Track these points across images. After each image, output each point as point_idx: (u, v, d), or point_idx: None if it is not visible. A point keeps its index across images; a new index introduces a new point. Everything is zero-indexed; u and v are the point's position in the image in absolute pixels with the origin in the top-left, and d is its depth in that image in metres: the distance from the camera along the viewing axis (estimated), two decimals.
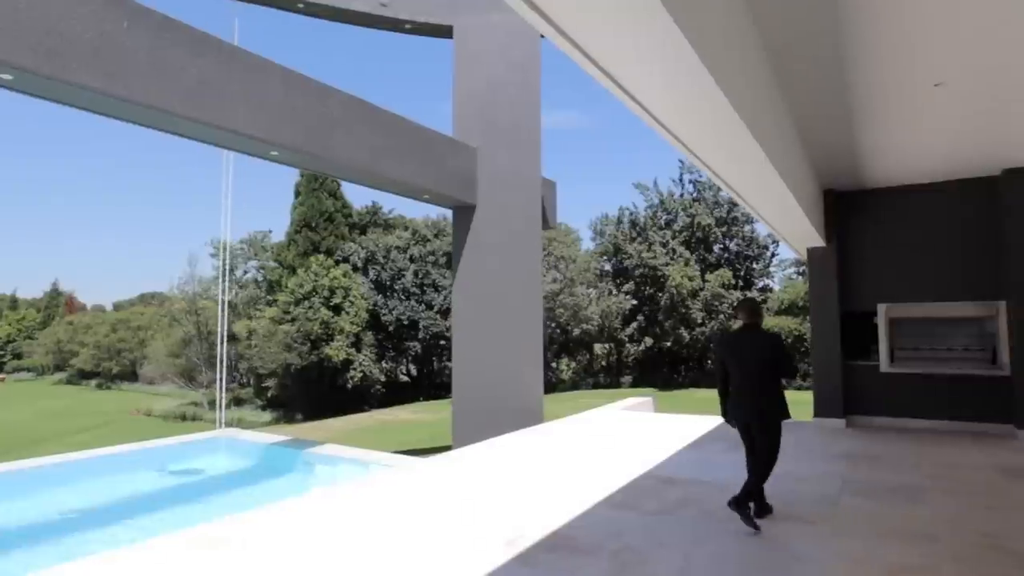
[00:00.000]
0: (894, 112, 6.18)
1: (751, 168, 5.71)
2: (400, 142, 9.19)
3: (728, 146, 5.11)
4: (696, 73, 3.20)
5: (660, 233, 28.62)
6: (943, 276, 8.81)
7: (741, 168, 5.90)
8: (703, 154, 5.49)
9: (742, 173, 6.13)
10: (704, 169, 6.01)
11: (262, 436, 10.04)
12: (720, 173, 6.09)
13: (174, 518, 6.37)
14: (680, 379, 27.38)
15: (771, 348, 4.88)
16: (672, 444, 8.04)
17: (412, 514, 5.07)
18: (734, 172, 6.14)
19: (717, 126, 4.42)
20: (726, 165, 5.88)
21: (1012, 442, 7.80)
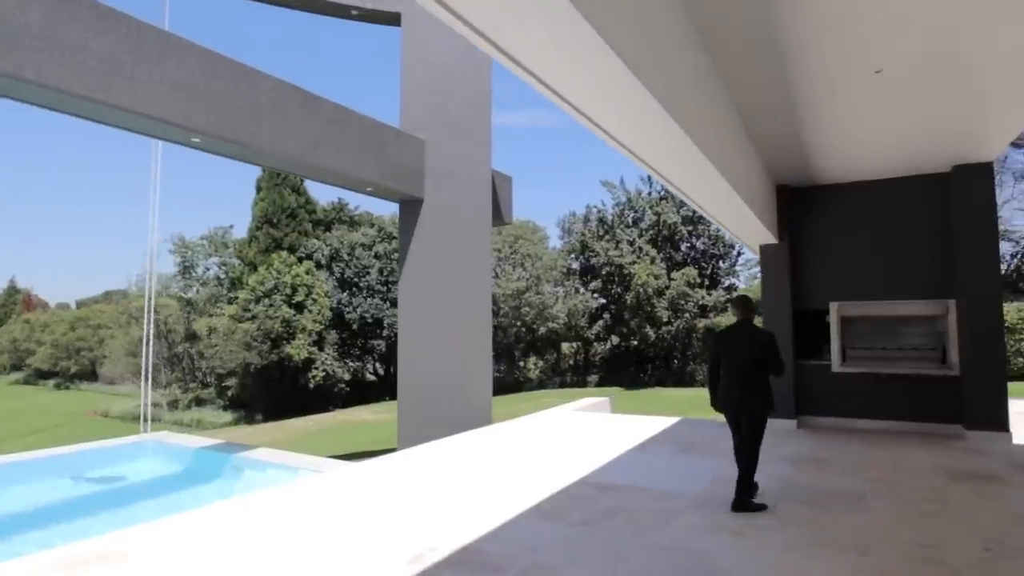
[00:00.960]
0: (838, 102, 5.97)
1: (692, 169, 5.52)
2: (339, 131, 8.75)
3: (666, 148, 4.91)
4: (618, 73, 3.12)
5: (627, 231, 28.47)
6: (895, 274, 8.69)
7: (683, 170, 5.69)
8: (644, 156, 5.29)
9: (685, 175, 5.92)
10: (646, 169, 5.75)
11: (191, 440, 9.53)
12: (664, 174, 5.86)
13: (74, 530, 5.87)
14: (646, 378, 27.27)
15: (761, 345, 5.14)
16: (619, 447, 7.76)
17: (321, 526, 4.68)
18: (677, 174, 5.93)
19: (653, 129, 4.26)
20: (668, 167, 5.66)
21: (960, 443, 7.68)
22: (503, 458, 7.36)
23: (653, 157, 5.30)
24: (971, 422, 7.93)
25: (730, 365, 5.23)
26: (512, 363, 32.30)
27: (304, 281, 29.65)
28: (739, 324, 5.39)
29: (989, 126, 6.75)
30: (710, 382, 5.47)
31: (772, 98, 5.97)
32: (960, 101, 5.98)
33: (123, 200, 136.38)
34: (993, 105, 6.12)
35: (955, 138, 7.16)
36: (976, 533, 4.36)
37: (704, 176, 5.68)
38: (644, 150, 5.04)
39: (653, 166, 5.60)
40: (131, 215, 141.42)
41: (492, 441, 8.43)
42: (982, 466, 6.45)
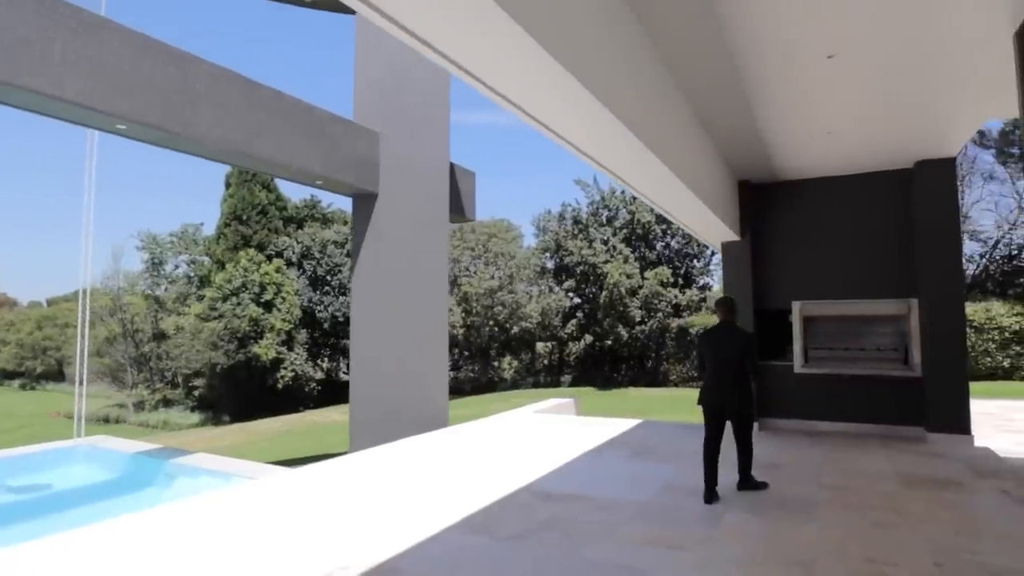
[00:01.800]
0: (791, 89, 5.70)
1: (643, 169, 5.34)
2: (284, 121, 8.32)
3: (613, 147, 4.71)
4: (559, 76, 3.07)
5: (601, 230, 28.23)
6: (858, 272, 8.49)
7: (635, 169, 5.47)
8: (596, 156, 5.13)
9: (637, 173, 5.68)
10: (599, 169, 5.48)
11: (127, 445, 9.05)
12: (618, 173, 5.63)
13: None
14: (619, 378, 27.05)
15: (741, 346, 5.39)
16: (572, 450, 7.45)
17: (228, 542, 4.29)
18: (628, 172, 5.70)
19: (600, 130, 4.06)
20: (620, 166, 5.44)
21: (920, 446, 7.49)
22: (449, 463, 7.01)
23: (604, 157, 5.08)
24: (932, 424, 7.75)
25: (713, 365, 5.47)
26: (486, 363, 31.94)
27: (273, 279, 29.00)
28: (722, 325, 5.60)
29: (950, 119, 6.56)
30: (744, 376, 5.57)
31: (721, 85, 5.69)
32: (919, 91, 5.76)
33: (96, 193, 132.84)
34: (953, 96, 5.91)
35: (917, 132, 6.96)
36: (927, 546, 4.11)
37: (656, 174, 5.46)
38: (594, 150, 4.87)
39: (607, 166, 5.38)
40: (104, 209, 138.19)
41: (443, 444, 8.08)
42: (941, 471, 6.24)
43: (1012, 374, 18.90)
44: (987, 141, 25.55)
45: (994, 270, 23.73)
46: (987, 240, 24.50)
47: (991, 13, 4.35)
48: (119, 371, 37.36)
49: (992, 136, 25.36)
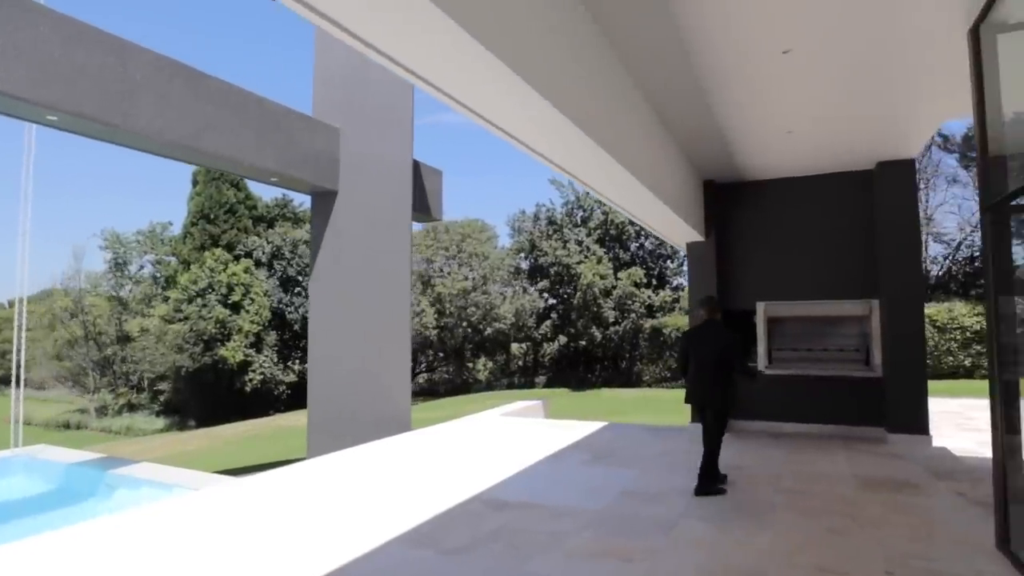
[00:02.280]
0: (748, 85, 5.58)
1: (601, 169, 5.23)
2: (234, 115, 8.01)
3: (569, 149, 4.55)
4: (499, 73, 2.98)
5: (575, 230, 28.15)
6: (822, 273, 8.45)
7: (591, 170, 5.38)
8: (547, 154, 4.88)
9: (596, 176, 5.58)
10: (557, 171, 5.35)
11: (68, 454, 8.64)
12: (573, 172, 5.47)
13: None
14: (593, 379, 27.01)
15: (724, 346, 5.51)
16: (532, 455, 7.27)
17: (161, 559, 4.01)
18: (589, 175, 5.60)
19: (550, 127, 3.92)
20: (578, 168, 5.36)
21: (881, 447, 7.46)
22: (406, 469, 6.77)
23: (559, 157, 5.00)
24: (892, 425, 7.73)
25: (697, 362, 5.59)
26: (461, 364, 31.68)
27: (241, 280, 28.38)
28: (706, 324, 5.75)
29: (909, 119, 6.52)
30: (684, 378, 5.80)
31: (679, 84, 5.57)
32: (877, 91, 5.70)
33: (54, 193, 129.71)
34: (911, 95, 5.86)
35: (876, 132, 6.92)
36: (880, 553, 4.00)
37: (615, 175, 5.36)
38: (547, 150, 4.72)
39: (563, 166, 5.30)
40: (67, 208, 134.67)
41: (403, 449, 7.84)
42: (899, 472, 6.19)
43: (973, 372, 19.24)
44: (950, 145, 26.05)
45: (956, 271, 24.18)
46: (950, 242, 24.97)
47: (946, 11, 4.27)
48: (80, 375, 36.29)
49: (955, 140, 25.87)
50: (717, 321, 5.82)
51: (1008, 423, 4.11)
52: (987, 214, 4.23)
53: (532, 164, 6.25)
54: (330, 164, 9.68)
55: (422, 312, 26.67)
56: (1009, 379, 4.16)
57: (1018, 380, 4.25)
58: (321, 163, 9.51)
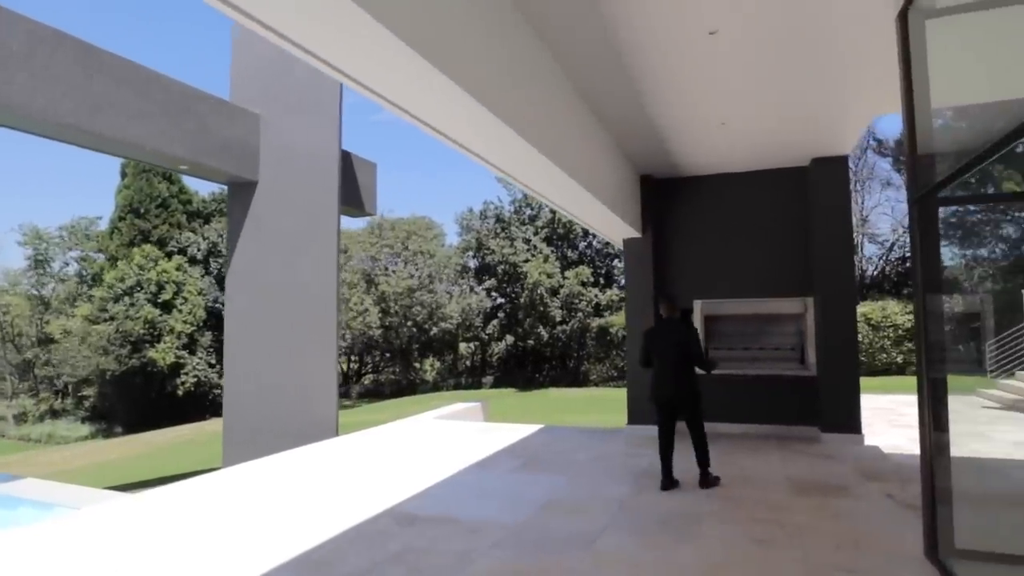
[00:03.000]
0: (674, 71, 5.31)
1: (531, 165, 4.93)
2: (135, 95, 7.31)
3: (488, 139, 4.23)
4: (429, 75, 2.95)
5: (523, 228, 27.87)
6: (759, 270, 8.33)
7: (521, 166, 5.10)
8: (482, 153, 4.66)
9: (526, 171, 5.31)
10: (486, 166, 4.99)
11: None
12: (503, 168, 5.17)
13: None
14: (541, 378, 26.79)
15: (685, 341, 5.51)
16: (459, 462, 6.86)
17: None
18: (519, 170, 5.33)
19: (474, 120, 3.74)
20: (505, 163, 5.04)
21: (814, 446, 7.36)
22: (320, 481, 6.26)
23: (484, 150, 4.72)
24: (826, 424, 7.65)
25: (661, 360, 5.56)
26: (408, 364, 31.00)
27: (173, 278, 26.97)
28: (667, 321, 5.70)
29: (842, 113, 6.40)
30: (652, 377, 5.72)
31: (607, 73, 5.29)
32: (809, 79, 5.51)
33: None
34: (843, 88, 5.71)
35: (809, 127, 6.79)
36: (804, 565, 3.76)
37: (543, 169, 5.05)
38: (469, 141, 4.39)
39: (492, 161, 5.04)
40: None
41: (324, 458, 7.31)
42: (831, 475, 6.04)
43: (905, 369, 19.86)
44: (884, 149, 26.95)
45: (890, 271, 24.98)
46: (884, 243, 25.79)
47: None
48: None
49: (889, 144, 26.76)
50: (675, 318, 5.75)
51: (936, 421, 3.94)
52: (915, 207, 4.04)
53: (469, 163, 5.94)
54: (249, 152, 9.03)
55: (366, 311, 25.89)
56: (936, 376, 3.99)
57: (946, 378, 4.09)
58: (238, 151, 8.85)
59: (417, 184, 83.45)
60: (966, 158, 3.40)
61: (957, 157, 3.72)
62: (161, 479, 10.42)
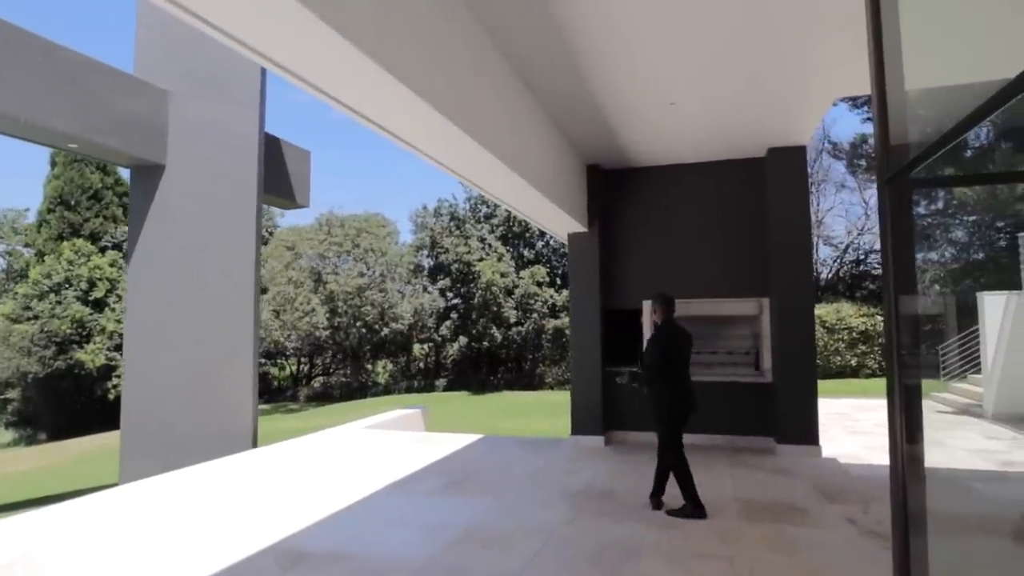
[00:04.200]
0: (616, 42, 4.66)
1: (464, 152, 4.42)
2: (6, 59, 6.29)
3: (413, 122, 3.81)
4: (348, 52, 2.71)
5: (478, 227, 27.10)
6: (711, 269, 7.76)
7: (452, 154, 4.56)
8: (416, 143, 4.31)
9: (457, 158, 4.68)
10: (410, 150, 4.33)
11: None
12: (433, 155, 4.57)
13: None
14: (496, 381, 26.04)
15: (688, 346, 5.08)
16: (377, 481, 6.07)
17: None
18: (450, 158, 4.75)
19: (412, 113, 3.52)
20: (433, 148, 4.44)
21: (769, 459, 6.81)
22: (205, 506, 5.37)
23: (408, 135, 4.14)
24: (782, 435, 7.12)
25: (685, 368, 5.05)
26: (359, 366, 29.86)
27: (106, 274, 25.26)
28: (674, 324, 5.10)
29: (799, 94, 5.84)
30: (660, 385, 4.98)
31: (545, 45, 4.61)
32: (764, 52, 4.92)
33: None
34: (805, 61, 5.14)
35: (767, 109, 6.23)
36: None
37: (472, 155, 4.40)
38: (392, 125, 3.91)
39: (419, 147, 4.46)
40: None
41: (224, 477, 6.42)
42: (786, 493, 5.47)
43: (859, 371, 19.83)
44: (839, 152, 27.12)
45: (844, 273, 25.09)
46: (839, 245, 25.92)
47: None
48: None
49: (843, 148, 26.93)
50: (673, 321, 5.17)
51: (909, 435, 3.33)
52: (886, 188, 3.44)
53: None
54: (155, 132, 8.04)
55: (312, 311, 24.72)
56: (910, 383, 3.40)
57: (920, 385, 3.51)
58: (143, 130, 7.87)
59: (373, 182, 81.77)
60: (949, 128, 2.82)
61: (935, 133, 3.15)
62: (46, 498, 9.30)
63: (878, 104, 3.68)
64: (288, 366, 35.06)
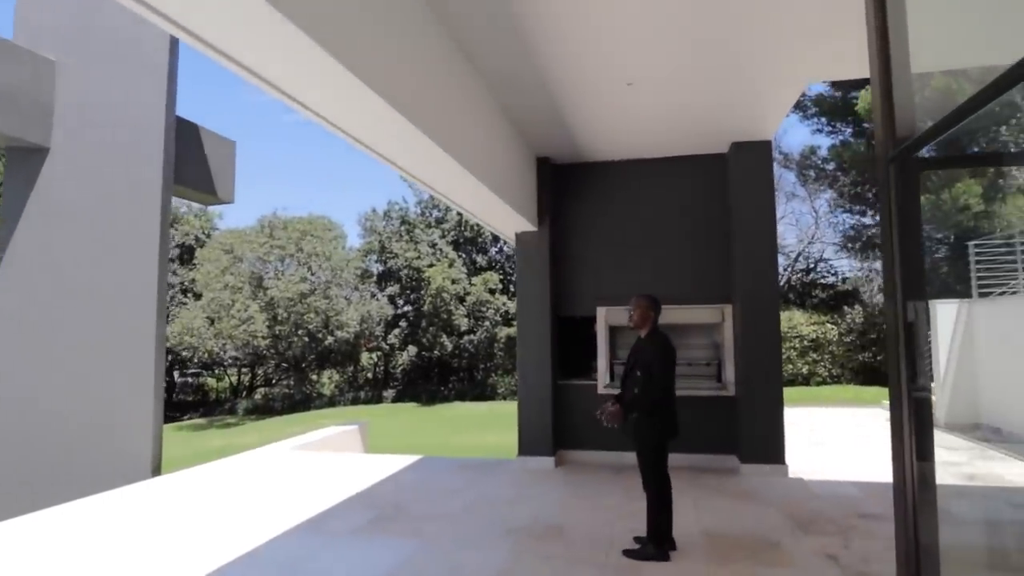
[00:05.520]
0: (570, 19, 3.96)
1: (400, 138, 3.83)
2: None
3: (338, 97, 3.23)
4: None
5: (429, 231, 26.16)
6: (672, 273, 7.13)
7: (387, 140, 3.96)
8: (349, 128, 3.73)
9: (392, 146, 3.97)
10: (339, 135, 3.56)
11: None
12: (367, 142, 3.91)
13: None
14: (446, 391, 25.08)
15: None
16: (289, 518, 5.15)
17: None
18: (386, 146, 4.14)
19: (340, 88, 3.05)
20: (366, 134, 3.87)
21: (733, 481, 6.19)
22: (63, 557, 4.35)
23: (335, 115, 3.53)
24: (746, 453, 6.52)
25: (673, 382, 4.19)
26: (303, 377, 28.40)
27: None
28: (664, 333, 4.31)
29: (769, 79, 5.27)
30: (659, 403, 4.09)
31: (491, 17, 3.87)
32: (726, 36, 4.31)
33: None
34: (774, 40, 4.55)
35: (732, 101, 5.65)
36: None
37: (406, 138, 3.71)
38: (328, 109, 3.40)
39: (347, 130, 3.78)
40: None
41: (106, 514, 5.37)
42: (757, 524, 4.82)
43: (810, 379, 19.79)
44: (789, 163, 27.36)
45: (796, 282, 25.22)
46: (790, 254, 26.07)
47: None
48: None
49: (794, 158, 27.18)
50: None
51: (920, 454, 2.68)
52: (891, 167, 2.81)
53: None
54: (37, 109, 6.94)
55: (250, 319, 23.25)
56: (921, 396, 2.75)
57: (931, 398, 2.87)
58: (20, 106, 6.76)
59: (323, 185, 79.67)
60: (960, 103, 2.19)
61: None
62: None
63: (881, 79, 3.03)
64: (228, 377, 33.25)
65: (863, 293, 23.03)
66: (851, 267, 25.40)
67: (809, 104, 23.18)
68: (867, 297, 22.61)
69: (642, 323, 4.29)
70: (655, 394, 4.02)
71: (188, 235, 29.08)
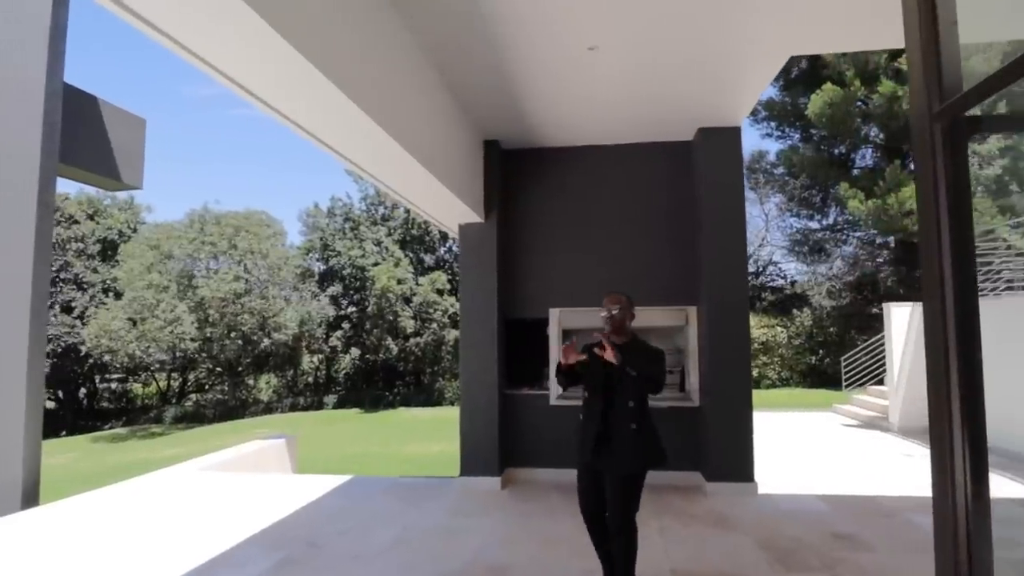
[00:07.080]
0: None
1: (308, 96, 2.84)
2: None
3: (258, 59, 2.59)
4: None
5: (374, 229, 25.03)
6: (633, 272, 6.45)
7: (309, 108, 3.23)
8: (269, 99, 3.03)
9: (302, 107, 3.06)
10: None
11: None
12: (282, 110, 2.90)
13: None
14: (391, 396, 23.99)
15: None
16: (180, 563, 4.19)
17: None
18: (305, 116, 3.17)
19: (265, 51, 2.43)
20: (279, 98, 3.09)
21: (701, 502, 5.55)
22: None
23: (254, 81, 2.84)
24: (712, 471, 5.90)
25: None
26: (238, 382, 26.76)
27: None
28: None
29: (744, 59, 4.64)
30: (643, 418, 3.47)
31: None
32: (685, 14, 3.63)
33: None
34: (752, 17, 3.90)
35: (705, 74, 5.00)
36: None
37: (331, 103, 2.85)
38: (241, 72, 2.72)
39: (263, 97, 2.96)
40: None
41: None
42: (731, 559, 4.16)
43: (759, 383, 19.73)
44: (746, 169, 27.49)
45: None
46: None
47: None
48: None
49: (743, 161, 27.32)
50: None
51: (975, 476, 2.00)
52: (936, 125, 2.14)
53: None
54: None
55: (177, 320, 21.61)
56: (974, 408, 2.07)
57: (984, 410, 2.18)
58: None
59: (268, 180, 76.80)
60: None
61: None
62: None
63: (924, 20, 2.38)
64: (156, 382, 31.16)
65: (811, 297, 23.22)
66: (799, 270, 25.65)
67: (760, 108, 23.22)
68: (815, 300, 22.79)
69: (622, 327, 3.49)
70: (660, 388, 3.38)
71: (111, 229, 26.99)
